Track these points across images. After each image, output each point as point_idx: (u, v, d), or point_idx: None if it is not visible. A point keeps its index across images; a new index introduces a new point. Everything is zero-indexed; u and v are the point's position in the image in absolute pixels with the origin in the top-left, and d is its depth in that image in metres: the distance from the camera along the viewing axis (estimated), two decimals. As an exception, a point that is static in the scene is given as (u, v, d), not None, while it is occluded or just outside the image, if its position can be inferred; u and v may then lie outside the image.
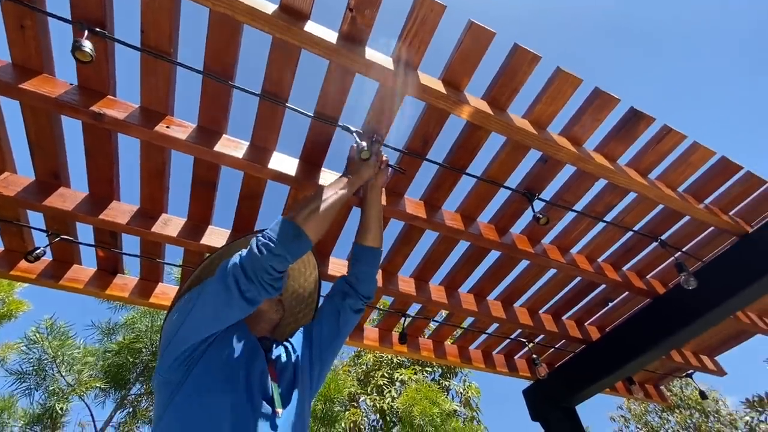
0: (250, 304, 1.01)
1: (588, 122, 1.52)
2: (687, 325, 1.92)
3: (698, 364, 2.78)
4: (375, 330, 2.38)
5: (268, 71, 1.32)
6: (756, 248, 1.79)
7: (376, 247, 1.35)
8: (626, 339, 2.20)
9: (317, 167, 1.56)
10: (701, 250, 2.04)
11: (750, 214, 1.90)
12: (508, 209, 1.81)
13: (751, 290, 1.77)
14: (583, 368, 2.39)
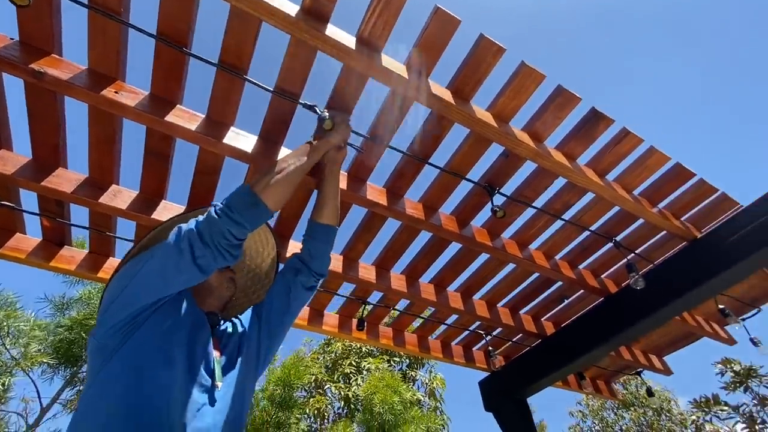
0: (202, 272, 0.99)
1: (549, 119, 1.54)
2: (634, 324, 1.99)
3: (646, 362, 2.90)
4: (335, 316, 2.38)
5: (225, 40, 1.27)
6: (703, 254, 1.86)
7: (332, 224, 1.32)
8: (578, 335, 2.27)
9: (277, 145, 1.52)
10: (654, 252, 2.11)
11: (701, 221, 1.98)
12: (470, 202, 1.82)
13: (695, 293, 1.84)
14: (537, 362, 2.46)
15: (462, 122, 1.44)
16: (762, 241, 1.65)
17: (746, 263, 1.69)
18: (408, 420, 4.35)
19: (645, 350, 2.96)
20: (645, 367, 2.93)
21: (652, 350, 2.97)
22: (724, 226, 1.80)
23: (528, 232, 1.98)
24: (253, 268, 1.41)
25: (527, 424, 2.45)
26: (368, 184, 1.68)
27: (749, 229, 1.70)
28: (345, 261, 2.00)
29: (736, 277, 1.79)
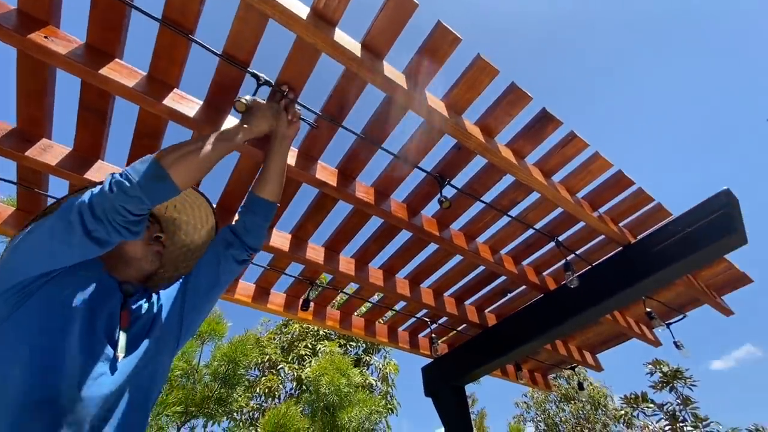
0: (100, 245, 0.93)
1: (501, 115, 1.56)
2: (567, 320, 2.10)
3: (580, 358, 3.07)
4: (282, 295, 2.36)
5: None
6: (633, 258, 1.98)
7: (272, 200, 1.27)
8: (516, 328, 2.37)
9: (222, 114, 1.47)
10: (593, 254, 2.22)
11: (637, 227, 2.09)
12: (421, 191, 1.84)
13: (624, 294, 1.96)
14: (476, 351, 2.55)
15: (414, 109, 1.44)
16: (684, 251, 1.77)
17: (669, 270, 1.81)
18: (353, 402, 4.43)
19: (580, 347, 3.13)
20: (578, 362, 3.11)
21: (587, 347, 3.15)
22: (654, 235, 1.91)
23: (476, 225, 2.03)
24: (187, 243, 1.35)
25: (463, 409, 2.55)
26: (319, 164, 1.66)
27: (675, 240, 1.81)
28: (293, 240, 1.98)
29: (661, 282, 1.91)
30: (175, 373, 3.37)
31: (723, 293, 2.64)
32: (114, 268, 1.10)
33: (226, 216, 1.80)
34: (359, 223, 1.97)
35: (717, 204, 1.72)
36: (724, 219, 1.67)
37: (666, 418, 5.02)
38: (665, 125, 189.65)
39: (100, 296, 0.99)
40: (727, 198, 1.70)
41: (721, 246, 1.71)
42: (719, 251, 1.75)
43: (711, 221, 1.72)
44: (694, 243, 1.74)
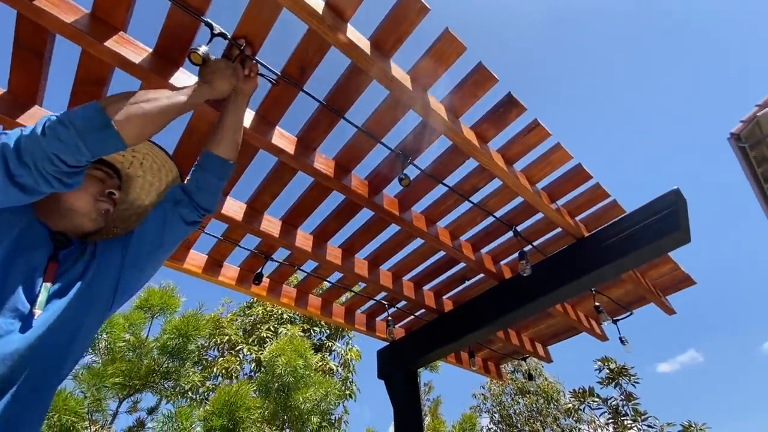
0: (25, 192, 0.83)
1: (466, 96, 1.54)
2: (518, 309, 2.13)
3: (532, 349, 3.16)
4: (236, 269, 2.28)
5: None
6: (585, 252, 2.03)
7: (228, 158, 1.16)
8: (470, 314, 2.40)
9: (174, 65, 1.37)
10: (549, 246, 2.27)
11: (592, 222, 2.15)
12: (383, 168, 1.80)
13: (572, 286, 2.02)
14: (431, 336, 2.57)
15: (377, 77, 1.40)
16: (631, 247, 1.82)
17: (615, 265, 1.87)
18: (309, 384, 4.41)
19: (532, 338, 3.22)
20: (530, 353, 3.20)
21: (539, 339, 3.25)
22: (605, 230, 1.97)
23: (437, 209, 2.03)
24: (144, 202, 1.23)
25: (414, 394, 2.57)
26: (277, 129, 1.59)
27: (623, 236, 1.87)
28: (249, 211, 1.91)
29: (608, 276, 1.98)
30: (119, 344, 3.22)
31: (668, 293, 2.77)
32: (47, 216, 0.99)
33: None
34: (319, 197, 1.92)
35: (665, 203, 1.78)
36: (670, 218, 1.73)
37: (609, 412, 5.29)
38: (630, 123, 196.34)
39: (23, 244, 0.90)
40: (675, 197, 1.76)
41: (665, 243, 1.78)
42: (664, 248, 1.82)
43: (658, 219, 1.78)
44: (640, 239, 1.80)
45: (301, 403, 4.06)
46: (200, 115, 1.48)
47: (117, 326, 3.17)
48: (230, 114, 1.20)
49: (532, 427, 13.60)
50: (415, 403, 2.51)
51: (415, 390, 2.59)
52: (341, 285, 2.52)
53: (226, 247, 2.14)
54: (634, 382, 5.27)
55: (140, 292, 3.50)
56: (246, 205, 1.91)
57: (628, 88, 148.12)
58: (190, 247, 2.13)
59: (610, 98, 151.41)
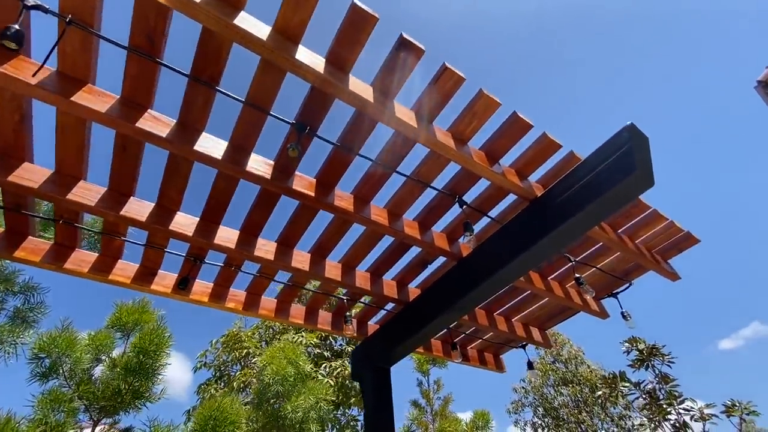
0: None
1: (348, 43, 1.32)
2: (477, 287, 1.86)
3: (525, 335, 2.85)
4: (172, 276, 2.14)
5: None
6: (539, 212, 1.74)
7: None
8: (430, 302, 2.15)
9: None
10: (509, 213, 1.99)
11: (550, 180, 1.86)
12: (284, 146, 1.60)
13: (533, 252, 1.72)
14: (396, 330, 2.34)
15: (239, 42, 1.20)
16: (588, 198, 1.53)
17: (576, 221, 1.57)
18: (300, 392, 4.22)
19: (525, 323, 2.91)
20: (524, 339, 2.88)
21: (533, 323, 2.93)
22: (558, 186, 1.68)
23: (364, 186, 1.80)
24: None
25: (384, 392, 2.34)
26: (149, 112, 1.43)
27: (578, 187, 1.58)
28: (159, 210, 1.76)
29: (569, 236, 1.68)
30: (82, 366, 3.18)
31: (669, 257, 2.40)
32: None
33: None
34: (228, 189, 1.74)
35: (619, 143, 1.48)
36: (625, 158, 1.43)
37: (644, 397, 4.79)
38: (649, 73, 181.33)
39: None
40: (629, 134, 1.45)
41: (626, 189, 1.47)
42: (626, 195, 1.51)
43: (612, 162, 1.47)
44: (596, 188, 1.50)
45: (290, 412, 3.90)
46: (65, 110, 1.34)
47: (80, 348, 3.14)
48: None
49: (578, 418, 12.86)
50: (385, 403, 2.27)
51: (386, 389, 2.35)
52: (294, 283, 2.33)
53: (155, 254, 2.00)
54: (668, 362, 4.76)
55: (112, 309, 3.49)
56: (156, 204, 1.76)
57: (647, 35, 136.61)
58: (117, 258, 2.02)
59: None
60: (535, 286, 2.28)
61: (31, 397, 3.04)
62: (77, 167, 1.59)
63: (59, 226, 1.82)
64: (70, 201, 1.57)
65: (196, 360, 8.87)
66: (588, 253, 2.31)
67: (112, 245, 1.96)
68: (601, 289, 2.57)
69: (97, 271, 1.94)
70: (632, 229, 2.15)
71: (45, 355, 3.06)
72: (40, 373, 3.07)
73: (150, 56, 1.29)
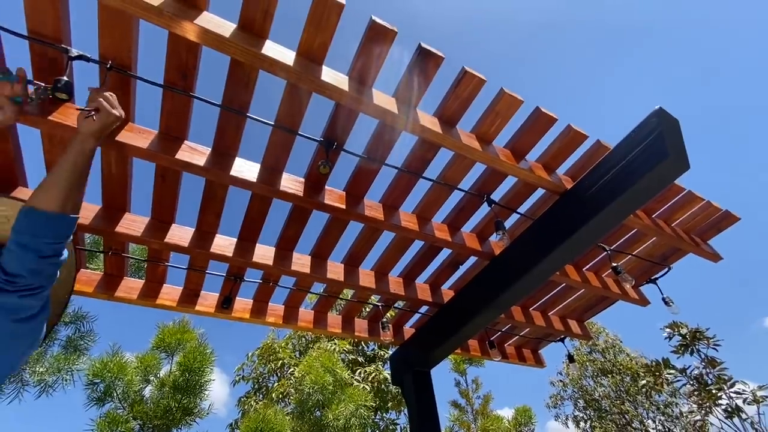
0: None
1: (371, 59, 1.36)
2: (512, 285, 1.86)
3: (563, 328, 2.81)
4: (214, 296, 2.22)
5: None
6: (571, 205, 1.73)
7: (44, 209, 0.94)
8: (465, 302, 2.16)
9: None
10: (540, 208, 1.98)
11: (579, 172, 1.84)
12: (314, 163, 1.65)
13: (567, 246, 1.70)
14: (432, 332, 2.35)
15: (270, 69, 1.25)
16: (620, 187, 1.51)
17: (607, 213, 1.56)
18: (340, 399, 4.28)
19: (563, 316, 2.87)
20: (563, 333, 2.84)
21: (570, 316, 2.88)
22: (588, 177, 1.66)
23: (392, 193, 1.83)
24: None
25: (427, 396, 2.35)
26: (186, 143, 1.50)
27: (609, 177, 1.56)
28: (198, 234, 1.83)
29: (603, 227, 1.65)
30: (134, 388, 3.34)
31: (708, 237, 2.33)
32: None
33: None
34: (262, 208, 1.80)
35: (648, 128, 1.45)
36: (656, 144, 1.41)
37: (691, 383, 4.62)
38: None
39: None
40: (658, 119, 1.43)
41: (660, 175, 1.44)
42: (660, 181, 1.48)
43: (643, 149, 1.45)
44: (628, 177, 1.48)
45: (332, 420, 3.96)
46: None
47: (130, 371, 3.30)
48: (61, 159, 1.01)
49: (621, 408, 12.46)
50: (428, 408, 2.29)
51: (428, 393, 2.36)
52: (330, 294, 2.38)
53: (197, 276, 2.08)
54: (714, 345, 4.58)
55: (155, 331, 3.65)
56: (196, 230, 1.84)
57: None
58: (163, 282, 2.11)
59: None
60: (570, 279, 2.25)
61: (90, 421, 3.22)
62: (122, 200, 1.68)
63: (108, 257, 1.93)
64: (119, 233, 1.66)
65: (234, 373, 9.10)
66: (622, 241, 2.27)
67: (156, 271, 2.05)
68: (639, 275, 2.51)
69: (146, 297, 2.04)
70: (667, 213, 2.10)
71: (99, 380, 3.23)
72: (96, 397, 3.24)
73: (184, 91, 1.36)
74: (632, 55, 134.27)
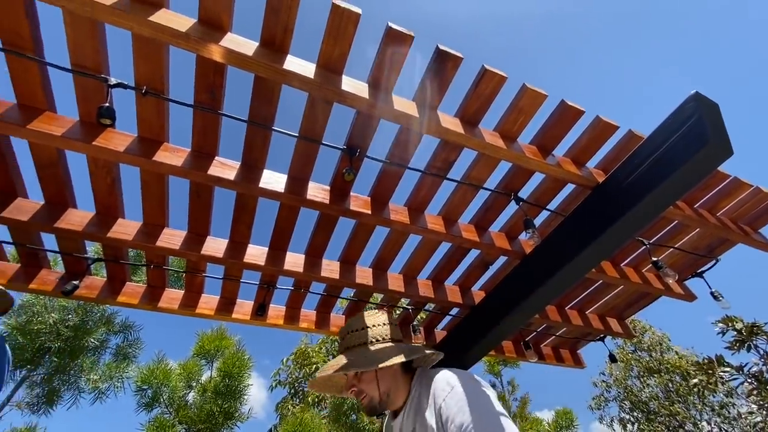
0: None
1: (389, 65, 1.37)
2: (543, 285, 1.81)
3: (602, 326, 2.70)
4: (249, 303, 2.30)
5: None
6: (605, 199, 1.66)
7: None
8: (497, 303, 2.11)
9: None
10: (571, 203, 1.92)
11: (611, 164, 1.77)
12: (339, 171, 1.68)
13: (602, 242, 1.64)
14: (464, 335, 2.32)
15: (291, 82, 1.29)
16: (658, 177, 1.43)
17: (644, 206, 1.49)
18: None
19: (602, 314, 2.76)
20: (602, 332, 2.73)
21: (610, 314, 2.77)
22: (621, 168, 1.59)
23: (416, 196, 1.83)
24: None
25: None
26: (217, 159, 1.57)
27: (645, 167, 1.49)
28: (231, 245, 1.91)
29: (640, 221, 1.57)
30: (179, 393, 3.49)
31: (759, 226, 2.17)
32: None
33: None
34: (291, 217, 1.85)
35: (685, 114, 1.38)
36: (695, 130, 1.34)
37: (750, 381, 4.30)
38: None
39: None
40: (696, 103, 1.35)
41: (701, 163, 1.36)
42: (702, 168, 1.39)
43: (681, 136, 1.38)
44: (668, 165, 1.41)
45: (368, 423, 3.97)
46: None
47: (174, 377, 3.47)
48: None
49: (671, 410, 11.75)
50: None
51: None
52: (359, 299, 2.40)
53: (232, 285, 2.16)
54: (774, 341, 4.25)
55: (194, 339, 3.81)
56: (229, 240, 1.91)
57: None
58: (201, 292, 2.20)
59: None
60: (607, 276, 2.17)
61: (140, 425, 3.41)
62: (160, 216, 1.78)
63: (150, 270, 2.03)
64: (159, 247, 1.75)
65: (271, 378, 9.32)
66: (663, 233, 2.17)
67: (194, 282, 2.15)
68: (684, 269, 2.38)
69: (186, 307, 2.13)
70: (712, 202, 1.98)
71: (147, 386, 3.42)
72: (145, 402, 3.44)
73: (213, 110, 1.42)
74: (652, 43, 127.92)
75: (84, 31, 1.22)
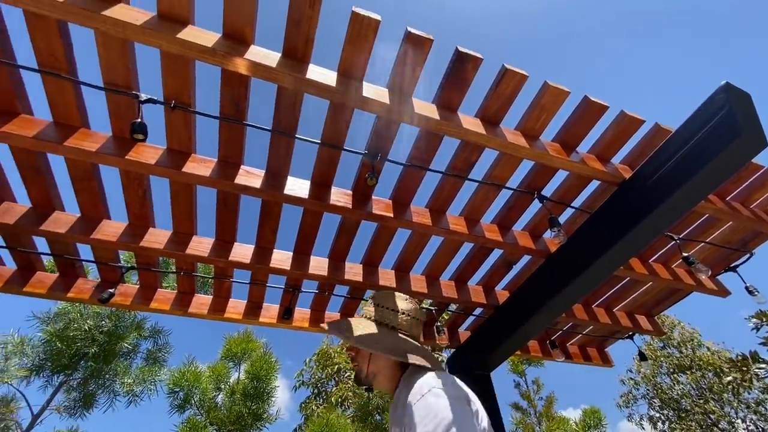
0: None
1: (409, 69, 1.38)
2: (571, 283, 1.78)
3: (631, 324, 2.64)
4: (275, 307, 2.34)
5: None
6: (632, 195, 1.62)
7: None
8: (522, 302, 2.09)
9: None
10: (596, 200, 1.89)
11: (637, 159, 1.74)
12: (361, 175, 1.69)
13: (630, 239, 1.61)
14: (489, 335, 2.30)
15: (314, 91, 1.32)
16: (689, 171, 1.40)
17: (674, 201, 1.45)
18: None
19: (630, 311, 2.69)
20: (630, 329, 2.67)
21: (638, 311, 2.70)
22: (649, 163, 1.55)
23: (438, 197, 1.83)
24: None
25: (489, 400, 2.30)
26: (244, 168, 1.60)
27: (674, 161, 1.45)
28: (256, 251, 1.95)
29: (668, 217, 1.53)
30: (209, 395, 3.59)
31: (796, 216, 2.08)
32: None
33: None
34: (314, 222, 1.88)
35: (716, 106, 1.34)
36: (726, 122, 1.30)
37: (789, 379, 4.12)
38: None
39: None
40: (726, 94, 1.31)
41: (733, 156, 1.32)
42: (734, 161, 1.35)
43: (712, 129, 1.34)
44: (698, 159, 1.37)
45: (393, 424, 3.98)
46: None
47: (204, 379, 3.56)
48: None
49: (704, 408, 11.33)
50: (491, 412, 2.24)
51: (489, 396, 2.32)
52: (382, 300, 2.41)
53: (258, 290, 2.21)
54: (815, 336, 4.06)
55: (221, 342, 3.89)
56: (255, 246, 1.96)
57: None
58: (228, 297, 2.26)
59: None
60: (636, 272, 2.12)
61: (173, 426, 3.53)
62: (189, 225, 1.83)
63: (180, 276, 2.10)
64: (189, 255, 1.81)
65: (294, 379, 9.46)
66: (693, 228, 2.10)
67: (222, 287, 2.20)
68: (716, 264, 2.31)
69: (215, 312, 2.19)
70: (744, 194, 1.91)
71: (179, 388, 3.53)
72: (177, 404, 3.55)
73: (238, 121, 1.46)
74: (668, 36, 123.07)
75: (116, 50, 1.27)
